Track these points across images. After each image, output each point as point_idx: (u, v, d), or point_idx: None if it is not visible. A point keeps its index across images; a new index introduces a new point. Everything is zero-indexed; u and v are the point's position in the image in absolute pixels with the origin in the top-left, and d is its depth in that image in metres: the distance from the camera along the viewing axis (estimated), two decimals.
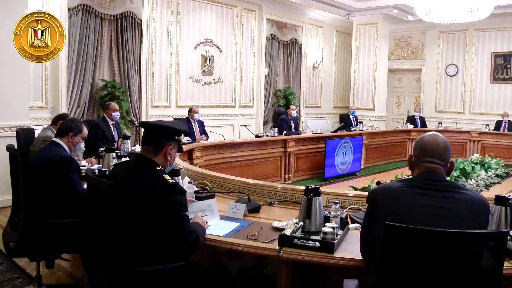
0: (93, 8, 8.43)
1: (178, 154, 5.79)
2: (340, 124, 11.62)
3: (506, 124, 12.20)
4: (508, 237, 2.53)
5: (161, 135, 2.68)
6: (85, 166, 4.63)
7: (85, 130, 4.01)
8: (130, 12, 9.03)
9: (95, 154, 5.61)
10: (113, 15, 8.79)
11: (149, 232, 2.44)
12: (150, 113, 9.64)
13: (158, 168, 2.58)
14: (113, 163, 4.43)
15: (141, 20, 9.25)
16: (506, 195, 2.71)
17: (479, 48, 14.18)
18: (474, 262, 1.94)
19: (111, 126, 7.00)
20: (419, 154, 2.29)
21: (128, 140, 6.18)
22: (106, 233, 2.51)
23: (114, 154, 4.79)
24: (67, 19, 7.96)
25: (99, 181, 2.56)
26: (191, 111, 8.46)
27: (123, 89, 8.97)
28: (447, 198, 2.15)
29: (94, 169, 4.42)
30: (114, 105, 7.12)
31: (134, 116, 9.29)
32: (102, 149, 5.13)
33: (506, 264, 2.34)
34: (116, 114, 7.07)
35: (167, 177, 2.55)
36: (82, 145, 4.05)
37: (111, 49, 8.95)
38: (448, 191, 2.17)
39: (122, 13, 8.91)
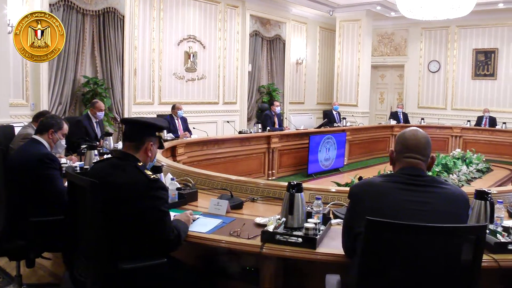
0: (74, 4, 8.34)
1: (160, 150, 5.78)
2: (323, 120, 11.65)
3: (487, 119, 12.35)
4: (488, 231, 2.59)
5: (142, 131, 2.67)
6: (66, 163, 4.58)
7: (66, 127, 3.96)
8: (112, 7, 8.95)
9: (77, 151, 5.55)
10: (95, 11, 8.71)
11: (130, 228, 2.43)
12: (133, 110, 9.58)
13: (139, 164, 2.57)
14: (95, 161, 4.39)
15: (123, 16, 9.18)
16: (486, 190, 2.74)
17: (461, 45, 14.32)
18: (455, 255, 1.96)
19: (94, 124, 6.93)
20: (400, 149, 2.31)
21: (111, 137, 6.14)
22: (87, 231, 2.49)
23: (96, 151, 4.75)
24: None
25: (80, 178, 2.54)
26: (174, 107, 8.42)
27: (106, 86, 8.91)
28: (428, 193, 2.16)
29: (76, 167, 4.39)
30: (101, 104, 7.03)
31: (116, 113, 9.22)
32: (84, 146, 5.07)
33: (485, 257, 2.38)
34: (101, 114, 7.00)
35: (149, 172, 2.53)
36: (63, 142, 4.00)
37: (93, 45, 8.86)
38: (429, 186, 2.19)
39: (104, 9, 8.84)
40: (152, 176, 2.51)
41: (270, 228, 2.59)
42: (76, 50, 8.52)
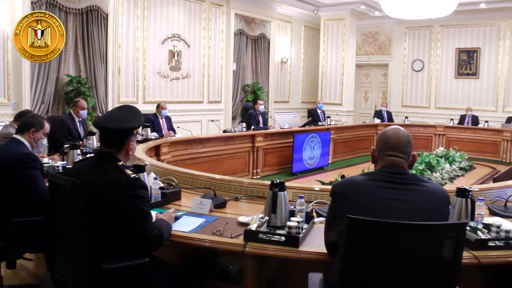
0: (57, 2, 8.26)
1: (144, 150, 5.76)
2: (308, 119, 11.67)
3: (470, 118, 12.47)
4: (469, 228, 2.61)
5: (121, 137, 2.62)
6: (48, 163, 4.54)
7: (47, 126, 3.92)
8: (95, 6, 8.89)
9: (59, 151, 5.49)
10: (78, 9, 8.64)
11: (111, 228, 2.41)
12: None
13: (119, 164, 2.55)
14: (76, 160, 4.35)
15: (107, 14, 9.12)
16: (467, 187, 2.77)
17: (444, 44, 14.46)
18: (436, 253, 1.98)
19: (77, 123, 6.87)
20: (381, 147, 2.32)
21: (94, 136, 6.08)
22: (68, 231, 2.47)
23: (78, 151, 4.71)
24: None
25: (61, 178, 2.52)
26: (159, 107, 8.38)
27: (89, 85, 8.84)
28: (409, 191, 2.18)
29: (58, 166, 4.35)
30: (83, 103, 6.96)
31: (100, 112, 9.15)
32: (67, 145, 5.03)
33: (466, 254, 2.41)
34: (84, 112, 6.93)
35: (129, 172, 2.51)
36: (45, 141, 3.96)
37: (77, 43, 8.80)
38: (410, 184, 2.20)
39: (87, 7, 8.77)
40: (132, 176, 2.49)
41: (253, 227, 2.59)
42: None
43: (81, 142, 6.25)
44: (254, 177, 8.75)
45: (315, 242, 2.57)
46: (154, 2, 10.25)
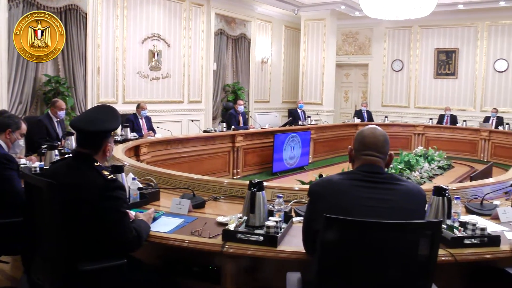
0: (35, 0, 8.13)
1: (123, 150, 5.71)
2: (288, 118, 11.70)
3: (448, 118, 12.64)
4: (445, 226, 2.64)
5: (99, 138, 2.60)
6: (25, 164, 4.48)
7: (24, 126, 3.87)
8: (74, 5, 8.77)
9: (37, 151, 5.43)
10: (57, 8, 8.50)
11: (88, 229, 2.38)
12: None
13: (97, 164, 2.52)
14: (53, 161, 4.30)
15: (86, 14, 9.01)
16: (443, 186, 2.80)
17: (423, 45, 14.62)
18: (412, 251, 2.00)
19: (55, 123, 6.79)
20: (358, 147, 2.33)
21: (73, 136, 6.00)
22: (45, 232, 2.44)
23: (56, 152, 4.66)
24: (6, 11, 7.63)
25: (37, 179, 2.48)
26: (138, 107, 8.33)
27: (68, 85, 8.74)
28: (386, 190, 2.19)
29: (35, 167, 4.29)
30: (61, 103, 6.88)
31: (79, 112, 9.04)
32: (44, 146, 4.96)
33: (442, 252, 2.44)
34: (62, 113, 6.85)
35: (106, 172, 2.49)
36: (21, 142, 3.91)
37: None
38: (387, 183, 2.22)
39: (66, 6, 8.64)
40: (109, 176, 2.47)
41: (231, 227, 2.59)
42: None
43: (59, 143, 6.18)
44: (235, 177, 8.74)
45: (293, 242, 2.57)
46: (134, 1, 10.19)
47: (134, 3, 10.20)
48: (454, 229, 2.64)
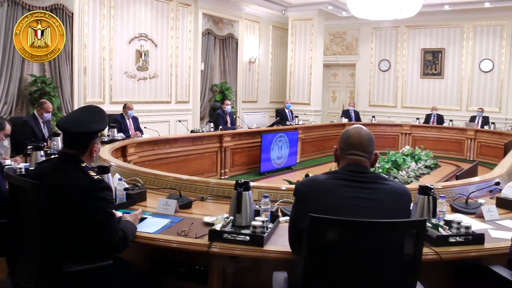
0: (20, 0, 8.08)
1: (110, 151, 5.69)
2: (276, 118, 11.72)
3: (435, 117, 12.74)
4: (430, 225, 2.67)
5: (86, 139, 2.58)
6: (10, 165, 4.44)
7: (8, 127, 3.84)
8: (60, 4, 8.70)
9: (23, 152, 5.38)
10: (42, 7, 8.43)
11: (74, 230, 2.37)
12: None
13: (83, 165, 2.51)
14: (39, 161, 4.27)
15: (72, 13, 8.94)
16: (429, 185, 2.82)
17: (410, 45, 14.72)
18: (397, 249, 2.01)
19: (41, 124, 6.74)
20: (344, 147, 2.34)
21: (59, 137, 5.96)
22: (30, 234, 2.42)
23: (42, 152, 4.63)
24: None
25: (21, 180, 2.46)
26: (125, 107, 8.30)
27: (54, 85, 8.68)
28: (371, 189, 2.20)
29: (21, 168, 4.26)
30: (49, 106, 6.82)
31: (66, 113, 8.98)
32: (30, 147, 4.93)
33: (427, 250, 2.46)
34: (48, 115, 6.80)
35: (92, 173, 2.48)
36: (6, 142, 3.89)
37: None
38: (372, 183, 2.23)
39: (52, 5, 8.56)
40: (96, 177, 2.46)
41: (218, 227, 2.59)
42: None
43: (45, 144, 6.14)
44: (222, 177, 8.73)
45: (280, 241, 2.58)
46: (121, 1, 10.15)
47: (121, 3, 10.15)
48: (439, 228, 2.66)
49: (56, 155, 3.20)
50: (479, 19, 13.45)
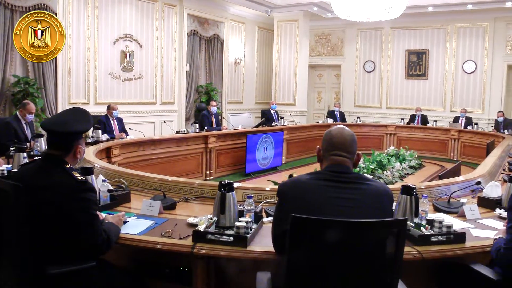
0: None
1: (94, 152, 5.66)
2: (261, 119, 11.73)
3: (419, 118, 12.84)
4: (413, 224, 2.69)
5: (70, 140, 2.57)
6: None
7: None
8: (43, 4, 8.62)
9: (5, 154, 5.33)
10: (25, 7, 8.36)
11: (57, 231, 2.36)
12: None
13: (67, 166, 2.50)
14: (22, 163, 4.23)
15: (56, 13, 8.86)
16: (411, 185, 2.85)
17: (395, 46, 14.84)
18: (379, 249, 2.03)
19: (24, 125, 6.69)
20: (326, 147, 2.36)
21: (42, 139, 5.93)
22: (12, 236, 2.40)
23: (25, 154, 4.59)
24: None
25: (2, 182, 2.44)
26: (109, 108, 8.26)
27: (38, 86, 8.59)
28: (353, 189, 2.22)
29: (3, 170, 4.22)
30: (32, 107, 6.77)
31: (50, 114, 8.92)
32: (12, 148, 4.88)
33: (409, 249, 2.49)
34: (31, 116, 6.76)
35: (77, 174, 2.47)
36: None
37: None
38: (355, 183, 2.25)
39: (35, 5, 8.48)
40: (80, 178, 2.45)
41: (202, 227, 2.59)
42: (5, 48, 8.11)
43: (28, 145, 6.09)
44: (208, 178, 8.73)
45: (263, 242, 2.59)
46: (106, 1, 10.08)
47: (106, 3, 10.09)
48: (421, 227, 2.69)
49: (40, 157, 3.19)
50: (462, 21, 13.61)
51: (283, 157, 10.83)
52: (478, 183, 4.00)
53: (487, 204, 3.55)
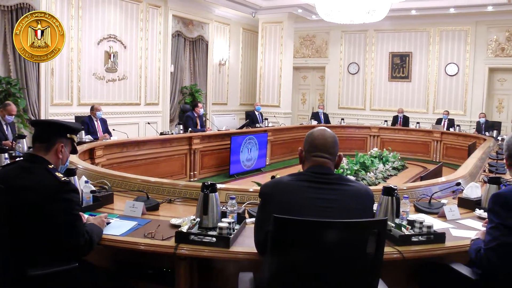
0: None
1: (78, 154, 5.61)
2: (246, 121, 11.75)
3: (401, 119, 12.96)
4: (394, 225, 2.73)
5: (52, 132, 2.60)
6: None
7: None
8: (26, 3, 8.57)
9: None
10: (7, 6, 8.32)
11: (39, 233, 2.35)
12: (50, 111, 9.24)
13: (50, 167, 2.49)
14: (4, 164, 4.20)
15: None
16: (392, 186, 2.88)
17: (378, 48, 14.95)
18: (360, 249, 2.05)
19: (4, 126, 6.63)
20: (308, 148, 2.38)
21: (24, 139, 5.88)
22: None
23: (6, 155, 4.55)
24: None
25: None
26: (93, 108, 8.21)
27: (20, 86, 8.53)
28: (335, 190, 2.24)
29: None
30: (12, 108, 6.71)
31: (32, 114, 8.85)
32: None
33: (390, 249, 2.52)
34: (10, 118, 6.71)
35: (59, 175, 2.46)
36: None
37: (5, 42, 8.47)
38: (336, 184, 2.27)
39: (17, 4, 8.44)
40: (63, 179, 2.45)
41: (184, 228, 2.60)
42: None
43: (7, 146, 6.03)
44: (192, 180, 8.71)
45: (246, 242, 2.61)
46: (89, 1, 10.02)
47: (90, 4, 10.03)
48: (402, 228, 2.73)
49: (22, 158, 3.17)
50: (445, 24, 13.77)
51: (267, 158, 10.85)
52: (458, 184, 4.06)
53: (467, 204, 3.61)
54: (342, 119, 13.92)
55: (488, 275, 2.37)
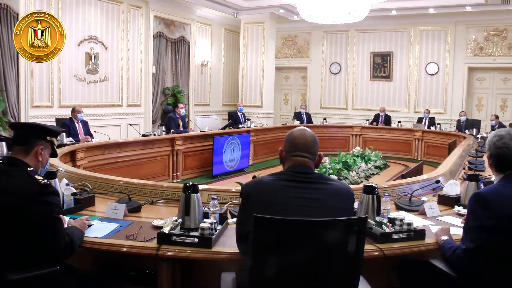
0: None
1: (59, 156, 5.57)
2: (228, 121, 11.74)
3: (383, 117, 13.07)
4: (374, 223, 2.76)
5: (31, 134, 2.58)
6: None
7: None
8: (4, 4, 8.49)
9: None
10: None
11: (19, 236, 2.33)
12: (31, 114, 9.14)
13: (30, 169, 2.47)
14: None
15: (17, 14, 8.70)
16: (373, 184, 2.91)
17: (360, 48, 15.06)
18: (341, 247, 2.07)
19: None
20: (289, 148, 2.39)
21: (3, 142, 5.81)
22: None
23: None
24: None
25: None
26: (74, 110, 8.14)
27: None
28: (315, 189, 2.26)
29: None
30: None
31: (12, 117, 8.75)
32: None
33: (371, 247, 2.55)
34: None
35: (39, 177, 2.45)
36: None
37: None
38: (317, 183, 2.29)
39: None
40: (43, 181, 2.43)
41: (166, 229, 2.59)
42: None
43: None
44: (174, 181, 8.68)
45: (228, 243, 2.61)
46: (70, 2, 9.93)
47: (70, 4, 9.94)
48: (383, 225, 2.76)
49: (1, 161, 3.14)
50: (425, 24, 13.93)
51: (250, 158, 10.86)
52: (438, 181, 4.11)
53: (447, 201, 3.65)
54: (325, 118, 14.01)
55: (465, 275, 2.40)
